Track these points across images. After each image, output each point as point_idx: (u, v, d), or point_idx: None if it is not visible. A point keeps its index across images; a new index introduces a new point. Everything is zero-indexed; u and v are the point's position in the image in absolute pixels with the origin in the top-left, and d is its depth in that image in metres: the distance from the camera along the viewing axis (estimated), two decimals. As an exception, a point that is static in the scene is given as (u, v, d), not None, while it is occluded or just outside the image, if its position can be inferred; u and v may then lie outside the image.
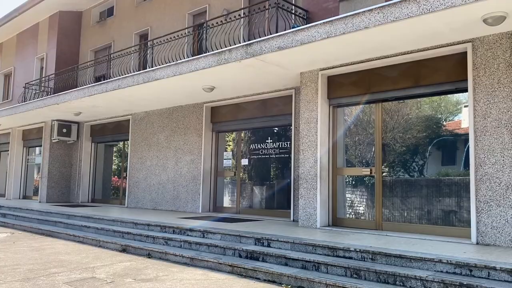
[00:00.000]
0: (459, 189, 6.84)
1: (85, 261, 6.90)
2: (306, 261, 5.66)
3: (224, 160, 11.52)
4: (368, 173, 7.71)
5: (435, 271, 4.87)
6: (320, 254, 5.87)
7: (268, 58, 7.53)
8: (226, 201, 11.58)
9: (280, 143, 10.29)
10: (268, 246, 6.51)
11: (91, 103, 12.33)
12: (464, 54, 6.58)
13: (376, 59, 7.45)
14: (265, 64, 7.89)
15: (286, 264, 5.86)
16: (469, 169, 6.34)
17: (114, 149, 16.28)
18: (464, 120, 6.85)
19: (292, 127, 9.55)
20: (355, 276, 5.17)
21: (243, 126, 11.00)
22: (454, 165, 7.19)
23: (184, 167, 11.89)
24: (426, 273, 4.77)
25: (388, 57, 7.31)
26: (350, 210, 8.28)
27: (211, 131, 11.63)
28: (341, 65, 7.89)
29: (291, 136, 9.61)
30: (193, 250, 7.10)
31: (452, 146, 7.28)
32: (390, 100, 7.65)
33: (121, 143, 15.26)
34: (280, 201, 10.36)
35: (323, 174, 8.02)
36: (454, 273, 4.75)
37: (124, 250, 7.80)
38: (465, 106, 6.80)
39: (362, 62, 7.63)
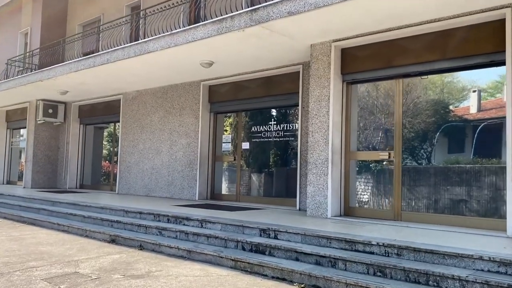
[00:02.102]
0: (491, 177, 6.24)
1: (69, 253, 6.31)
2: (321, 256, 5.07)
3: (223, 144, 10.89)
4: (387, 157, 7.10)
5: (474, 269, 4.29)
6: (336, 248, 5.28)
7: (275, 26, 6.85)
8: (225, 188, 10.99)
9: (285, 125, 9.66)
10: (276, 238, 5.92)
11: (78, 80, 11.63)
12: (501, 22, 5.93)
13: (397, 29, 6.80)
14: (271, 33, 7.21)
15: (297, 259, 5.27)
16: (479, 157, 5.70)
17: (105, 131, 15.62)
18: (472, 106, 6.47)
19: (299, 107, 8.91)
20: (379, 274, 4.59)
21: (244, 107, 10.36)
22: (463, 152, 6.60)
23: (180, 151, 11.26)
24: (465, 272, 4.19)
25: (412, 26, 6.65)
26: (363, 199, 7.69)
27: (209, 112, 10.99)
28: (357, 36, 7.22)
29: (298, 117, 8.97)
30: (191, 241, 6.50)
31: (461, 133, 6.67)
32: (412, 75, 7.01)
33: (112, 125, 14.59)
34: (285, 188, 9.78)
35: (335, 158, 7.41)
36: (498, 272, 4.17)
37: (113, 240, 7.21)
38: (473, 91, 6.43)
39: (382, 32, 6.98)
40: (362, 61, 7.39)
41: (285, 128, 9.63)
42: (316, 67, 7.68)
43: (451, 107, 6.99)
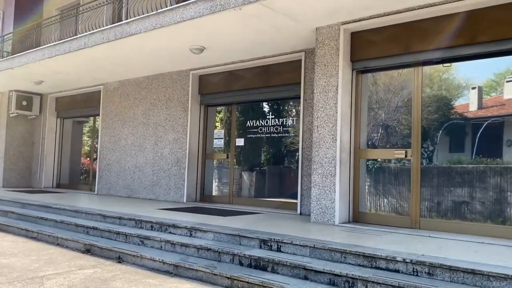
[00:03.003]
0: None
1: (35, 266, 5.49)
2: (335, 275, 4.32)
3: (215, 140, 10.10)
4: (403, 156, 6.38)
5: (530, 296, 3.56)
6: (353, 265, 4.53)
7: (277, 3, 6.08)
8: (217, 189, 10.21)
9: (285, 119, 8.91)
10: (279, 250, 5.16)
11: (54, 68, 10.74)
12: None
13: (418, 8, 6.06)
14: (272, 13, 6.44)
15: (306, 278, 4.51)
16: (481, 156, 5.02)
17: (86, 126, 14.72)
18: (472, 103, 6.06)
19: (301, 99, 8.16)
20: (409, 299, 3.84)
21: (238, 99, 9.57)
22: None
23: (166, 147, 10.43)
24: (520, 299, 3.46)
25: (436, 5, 5.92)
26: (375, 203, 6.96)
27: (199, 104, 10.18)
28: (371, 17, 6.49)
29: (300, 110, 8.21)
30: (178, 253, 5.71)
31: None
32: (434, 62, 6.29)
33: (92, 119, 13.71)
34: (284, 190, 9.04)
35: (343, 157, 6.67)
36: (561, 300, 3.44)
37: (88, 251, 6.40)
38: (472, 88, 6.07)
39: (400, 13, 6.24)
40: (375, 47, 6.66)
41: (284, 123, 8.87)
42: (322, 53, 6.92)
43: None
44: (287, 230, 5.95)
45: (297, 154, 8.56)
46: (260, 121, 9.26)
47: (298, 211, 8.00)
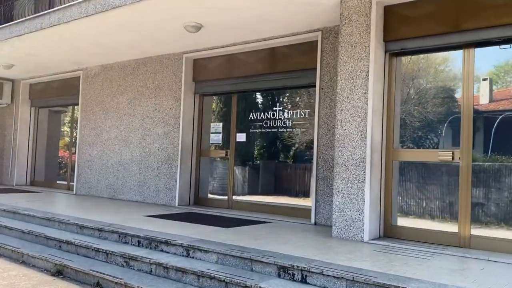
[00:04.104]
0: None
1: (-13, 297, 4.38)
2: (389, 324, 3.27)
3: (212, 135, 9.00)
4: (450, 158, 5.34)
5: None
6: (411, 308, 3.49)
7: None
8: (214, 191, 9.13)
9: (295, 111, 7.85)
10: (304, 281, 4.13)
11: (25, 50, 9.55)
12: None
13: (474, -25, 5.00)
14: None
15: (347, 326, 3.46)
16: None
17: (64, 116, 13.53)
18: (482, 96, 5.46)
19: (317, 88, 7.10)
20: None
21: (239, 87, 8.48)
22: None
23: (155, 142, 9.31)
24: None
25: (498, -30, 4.86)
26: (410, 214, 5.95)
27: (194, 93, 9.08)
28: (412, -13, 5.41)
29: (314, 101, 7.15)
30: (172, 281, 4.64)
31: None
32: (491, 42, 5.24)
33: (70, 108, 12.54)
34: (294, 194, 8.00)
35: (374, 158, 5.63)
36: None
37: (59, 272, 5.32)
38: (483, 80, 5.45)
39: (450, -19, 5.17)
40: (414, 24, 5.63)
41: (295, 116, 7.81)
42: (348, 32, 5.85)
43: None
44: (307, 250, 4.92)
45: (309, 153, 7.53)
46: (266, 114, 8.20)
47: (312, 221, 6.97)
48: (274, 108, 8.12)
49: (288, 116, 7.89)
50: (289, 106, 8.05)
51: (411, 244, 5.34)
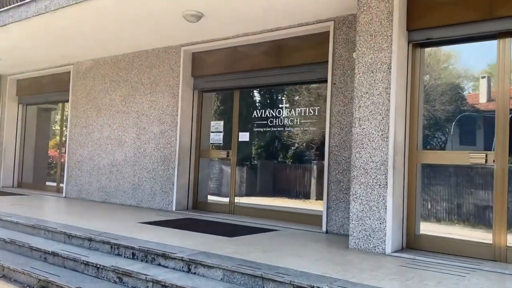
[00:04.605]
0: None
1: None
2: None
3: (212, 134, 8.45)
4: (482, 161, 4.81)
5: None
6: None
7: None
8: (214, 195, 8.59)
9: (304, 108, 7.32)
10: (326, 306, 3.56)
11: (11, 42, 8.99)
12: None
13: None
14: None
15: None
16: None
17: (54, 113, 12.93)
18: (481, 94, 5.24)
19: (328, 83, 6.57)
20: None
21: (242, 83, 7.94)
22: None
23: (151, 142, 8.75)
24: None
25: None
26: (435, 223, 5.43)
27: (192, 89, 8.53)
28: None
29: (326, 97, 6.62)
30: (172, 303, 4.08)
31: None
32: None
33: (60, 106, 11.96)
34: (302, 198, 7.46)
35: (397, 161, 5.10)
36: None
37: (43, 289, 4.73)
38: (482, 77, 5.25)
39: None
40: (441, 11, 5.10)
41: (303, 113, 7.29)
42: (367, 20, 5.32)
43: None
44: (326, 265, 4.40)
45: (318, 153, 7.02)
46: (271, 111, 7.67)
47: (323, 228, 6.44)
48: (280, 106, 7.59)
49: (295, 113, 7.36)
50: (297, 103, 7.51)
51: (439, 257, 4.82)
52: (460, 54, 5.47)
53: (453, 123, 5.39)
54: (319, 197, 6.94)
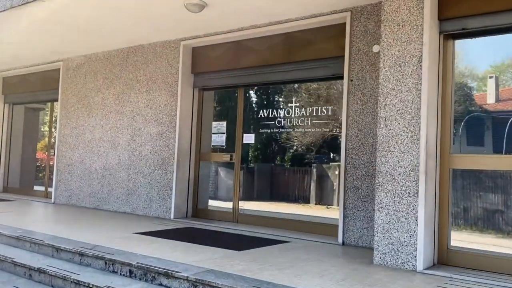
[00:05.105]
0: None
1: None
2: None
3: (214, 136, 7.92)
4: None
5: None
6: None
7: None
8: (215, 201, 8.06)
9: (317, 108, 6.80)
10: None
11: (-6, 36, 8.39)
12: None
13: None
14: None
15: None
16: None
17: (42, 114, 12.39)
18: (489, 95, 5.00)
19: (344, 80, 6.07)
20: None
21: (247, 80, 7.42)
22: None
23: (147, 144, 8.20)
24: None
25: None
26: (467, 233, 4.93)
27: (192, 87, 8.00)
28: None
29: (343, 94, 6.10)
30: (178, 333, 3.53)
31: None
32: None
33: (49, 105, 11.41)
34: (312, 206, 6.92)
35: (430, 165, 4.59)
36: None
37: (27, 313, 4.16)
38: (490, 77, 5.01)
39: None
40: (480, -3, 4.57)
41: (314, 113, 6.79)
42: (393, 8, 4.82)
43: None
44: (352, 287, 3.84)
45: (331, 157, 6.52)
46: (279, 111, 7.15)
47: (339, 240, 5.92)
48: (290, 105, 7.07)
49: (306, 113, 6.85)
50: (308, 102, 6.99)
51: (477, 275, 4.31)
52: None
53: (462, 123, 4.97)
54: (333, 204, 6.42)
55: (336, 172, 6.59)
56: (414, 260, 4.50)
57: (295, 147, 7.15)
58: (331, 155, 6.76)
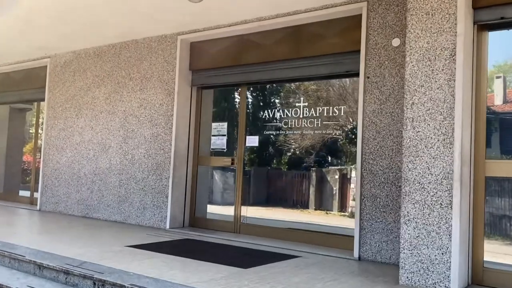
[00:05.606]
0: None
1: None
2: None
3: (213, 138, 7.41)
4: None
5: None
6: None
7: None
8: (215, 210, 7.55)
9: (327, 108, 6.30)
10: None
11: (-25, 30, 7.85)
12: None
13: None
14: None
15: None
16: None
17: (29, 114, 11.74)
18: (497, 96, 4.71)
19: (360, 77, 5.60)
20: None
21: (251, 78, 6.93)
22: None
23: (140, 147, 7.67)
24: None
25: None
26: (501, 249, 4.44)
27: (191, 85, 7.51)
28: None
29: (359, 93, 5.62)
30: None
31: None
32: None
33: (36, 105, 10.87)
34: (323, 216, 6.42)
35: (464, 173, 4.09)
36: None
37: None
38: (497, 77, 4.70)
39: None
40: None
41: (325, 113, 6.31)
42: (421, -5, 4.32)
43: None
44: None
45: (344, 161, 6.03)
46: (286, 112, 6.65)
47: (355, 254, 5.42)
48: (297, 104, 6.57)
49: (317, 113, 6.35)
50: (319, 102, 6.50)
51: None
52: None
53: None
54: (345, 214, 5.93)
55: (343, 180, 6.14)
56: (447, 280, 4.00)
57: (303, 151, 6.64)
58: (344, 160, 6.27)
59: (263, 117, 6.88)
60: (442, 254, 4.06)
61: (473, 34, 4.35)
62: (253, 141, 6.92)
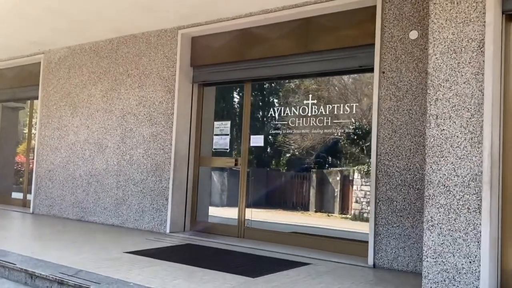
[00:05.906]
0: None
1: None
2: None
3: (216, 137, 7.13)
4: None
5: None
6: None
7: None
8: (217, 213, 7.27)
9: (338, 105, 6.00)
10: None
11: (-36, 23, 7.53)
12: None
13: None
14: None
15: None
16: None
17: (22, 113, 11.51)
18: None
19: (375, 73, 5.31)
20: None
21: (256, 73, 6.65)
22: None
23: (139, 147, 7.36)
24: None
25: None
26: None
27: (192, 82, 7.22)
28: None
29: (373, 90, 5.32)
30: None
31: None
32: None
33: (29, 103, 10.61)
34: (335, 220, 6.14)
35: (494, 175, 3.80)
36: None
37: None
38: None
39: None
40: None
41: (336, 111, 6.02)
42: (446, -18, 4.03)
43: None
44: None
45: (357, 162, 5.75)
46: (294, 110, 6.37)
47: (370, 261, 5.13)
48: (305, 102, 6.28)
49: (327, 111, 6.06)
50: (328, 99, 6.21)
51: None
52: None
53: None
54: (357, 218, 5.64)
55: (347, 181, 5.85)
56: (476, 291, 3.71)
57: (310, 152, 6.36)
58: (355, 162, 5.99)
59: (268, 115, 6.59)
60: (470, 262, 3.77)
61: (502, 25, 4.06)
62: (257, 140, 6.63)
